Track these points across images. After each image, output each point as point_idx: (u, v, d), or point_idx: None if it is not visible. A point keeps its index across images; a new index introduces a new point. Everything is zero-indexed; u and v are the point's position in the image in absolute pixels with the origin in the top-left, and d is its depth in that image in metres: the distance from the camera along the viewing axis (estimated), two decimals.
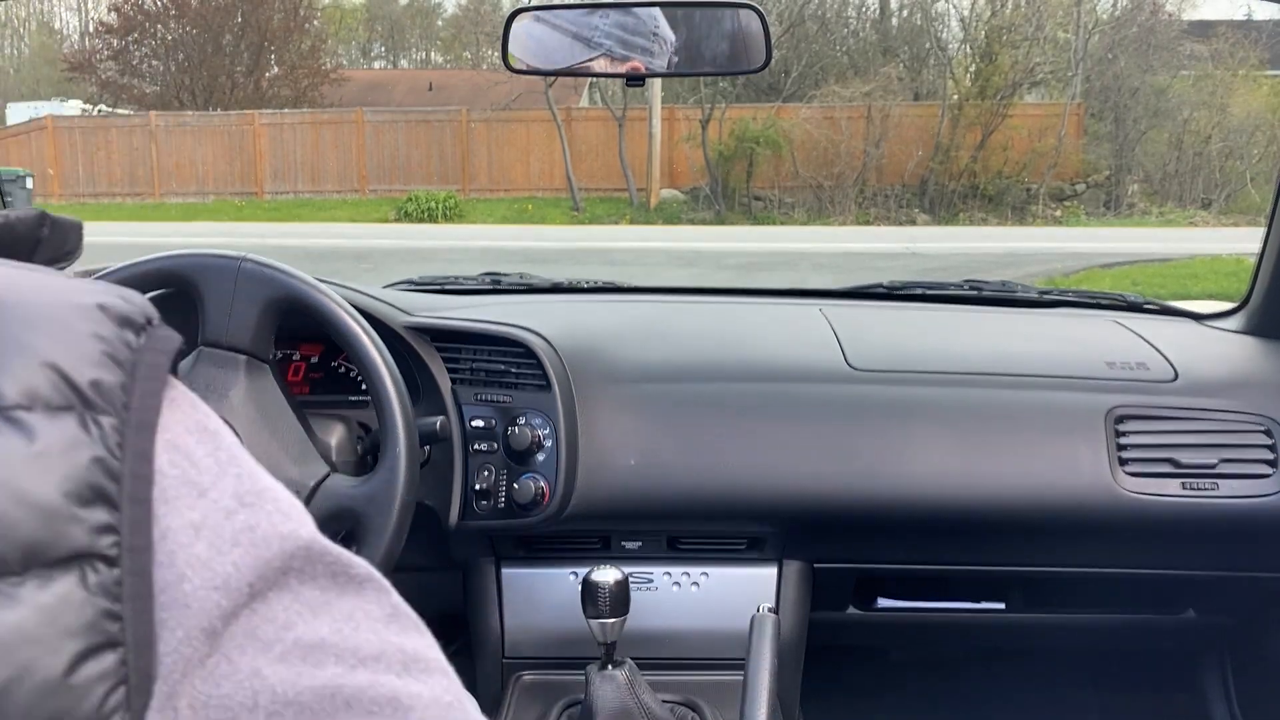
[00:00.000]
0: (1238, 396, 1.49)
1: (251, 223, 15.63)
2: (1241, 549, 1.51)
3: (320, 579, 0.42)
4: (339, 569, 0.43)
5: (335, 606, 0.42)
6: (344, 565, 0.43)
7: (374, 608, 0.43)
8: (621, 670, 1.25)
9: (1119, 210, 15.77)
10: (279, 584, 0.41)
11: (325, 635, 0.41)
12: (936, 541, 1.52)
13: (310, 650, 0.40)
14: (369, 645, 0.42)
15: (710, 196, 15.92)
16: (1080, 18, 16.68)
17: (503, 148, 17.94)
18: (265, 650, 0.39)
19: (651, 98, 16.07)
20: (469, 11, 28.49)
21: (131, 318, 0.42)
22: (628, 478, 1.42)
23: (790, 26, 17.32)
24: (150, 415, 0.40)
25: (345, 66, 27.11)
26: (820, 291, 1.89)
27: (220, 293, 1.15)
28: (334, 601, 0.42)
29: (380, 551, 1.11)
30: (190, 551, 0.39)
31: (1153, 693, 1.95)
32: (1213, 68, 15.98)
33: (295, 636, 0.40)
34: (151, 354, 0.42)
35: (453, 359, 1.43)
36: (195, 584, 0.39)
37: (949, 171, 15.85)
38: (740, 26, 1.35)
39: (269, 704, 0.38)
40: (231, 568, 0.40)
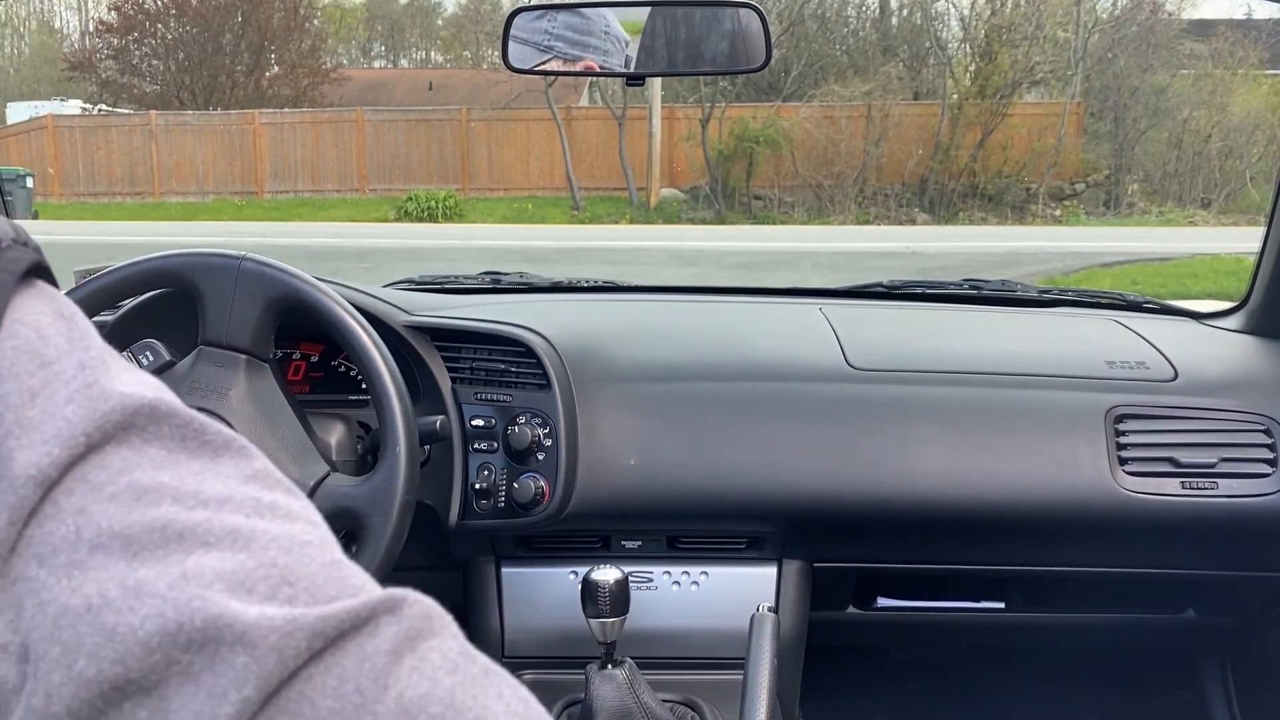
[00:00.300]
0: (1237, 396, 1.49)
1: (251, 222, 15.63)
2: (1241, 549, 1.51)
3: (167, 439, 0.40)
4: (190, 432, 0.41)
5: (183, 465, 0.40)
6: (197, 429, 0.41)
7: (230, 468, 0.41)
8: (621, 670, 1.25)
9: (1119, 210, 15.76)
10: (119, 438, 0.39)
11: (165, 481, 0.39)
12: (936, 541, 1.52)
13: (145, 492, 0.38)
14: (215, 491, 0.39)
15: (710, 196, 15.92)
16: (1080, 17, 16.68)
17: (503, 147, 17.94)
18: (95, 491, 0.38)
19: (651, 97, 16.07)
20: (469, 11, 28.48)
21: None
22: (628, 477, 1.42)
23: (790, 26, 17.31)
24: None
25: (345, 66, 27.11)
26: (820, 291, 1.89)
27: (220, 292, 1.15)
28: (182, 461, 0.40)
29: (380, 551, 1.11)
30: (21, 413, 0.38)
31: (1153, 692, 1.95)
32: (1212, 67, 15.97)
33: (130, 480, 0.38)
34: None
35: (453, 358, 1.44)
36: (21, 441, 0.37)
37: (949, 171, 15.84)
38: (740, 26, 1.35)
39: (93, 537, 0.37)
40: (63, 421, 0.38)
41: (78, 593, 0.36)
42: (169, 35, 21.12)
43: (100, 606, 0.35)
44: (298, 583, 0.37)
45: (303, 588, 0.37)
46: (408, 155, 18.22)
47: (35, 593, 0.36)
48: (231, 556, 0.37)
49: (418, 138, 18.21)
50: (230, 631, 0.35)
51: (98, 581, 0.36)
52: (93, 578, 0.36)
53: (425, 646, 0.38)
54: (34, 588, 0.36)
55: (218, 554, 0.37)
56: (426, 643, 0.38)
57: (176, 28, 21.02)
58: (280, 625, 0.35)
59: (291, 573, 0.38)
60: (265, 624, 0.35)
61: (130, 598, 0.36)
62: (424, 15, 35.94)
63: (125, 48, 21.21)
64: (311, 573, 0.38)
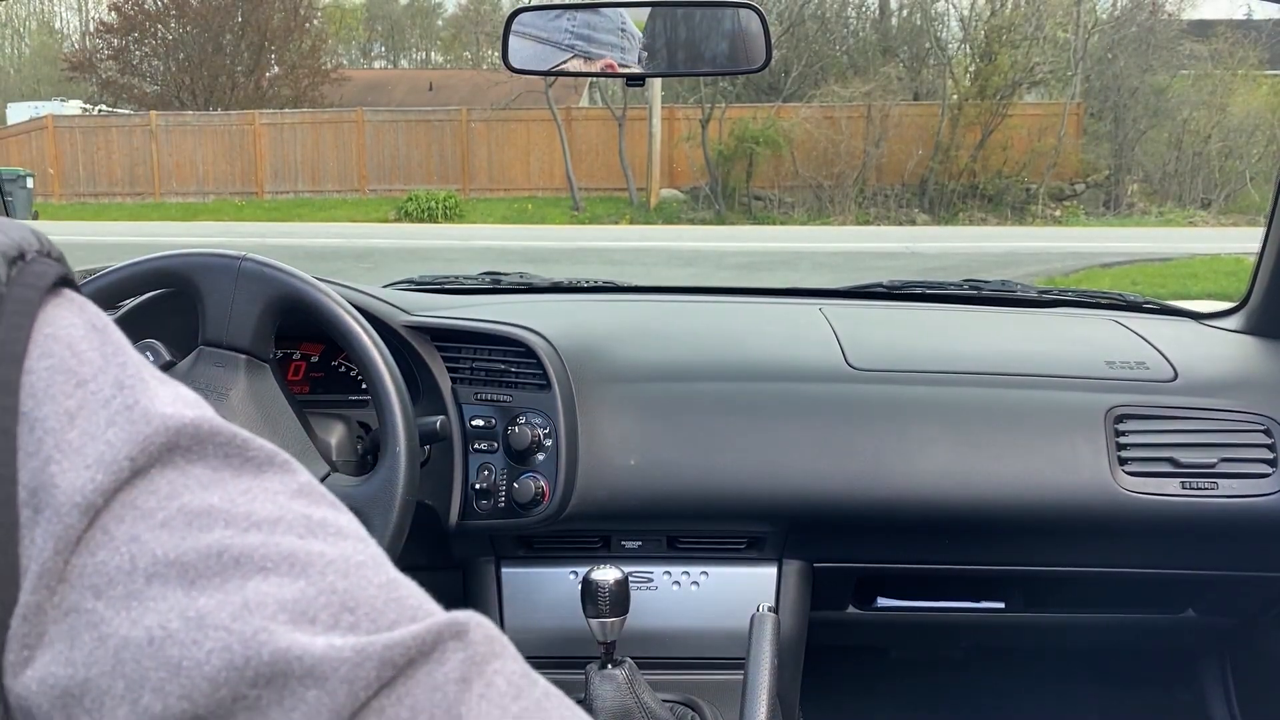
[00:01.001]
0: (1237, 396, 1.49)
1: (251, 222, 15.63)
2: (1241, 549, 1.51)
3: (211, 458, 0.40)
4: (233, 450, 0.40)
5: (231, 484, 0.39)
6: (240, 446, 0.41)
7: (276, 484, 0.41)
8: (621, 670, 1.25)
9: (1118, 210, 15.76)
10: (164, 460, 0.39)
11: (215, 503, 0.38)
12: (936, 541, 1.52)
13: (196, 516, 0.38)
14: (265, 511, 0.39)
15: (710, 196, 15.92)
16: (1080, 17, 16.67)
17: (503, 147, 17.94)
18: (146, 518, 0.37)
19: (651, 97, 16.07)
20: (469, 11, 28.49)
21: (5, 253, 0.40)
22: (628, 477, 1.42)
23: (790, 26, 17.31)
24: (17, 347, 0.39)
25: (345, 66, 27.11)
26: (820, 291, 1.89)
27: (220, 292, 1.15)
28: (229, 480, 0.39)
29: None
30: (61, 437, 0.38)
31: (1153, 692, 1.95)
32: (1212, 67, 15.97)
33: (180, 504, 0.38)
34: (21, 288, 0.40)
35: (453, 358, 1.44)
36: (63, 465, 0.37)
37: (949, 171, 15.84)
38: (740, 26, 1.35)
39: (148, 565, 0.36)
40: (105, 445, 0.38)
41: (138, 625, 0.35)
42: (169, 35, 21.12)
43: (163, 639, 0.35)
44: (358, 609, 0.37)
45: (364, 614, 0.37)
46: (408, 155, 18.22)
47: (94, 625, 0.36)
48: (290, 584, 0.37)
49: (418, 138, 18.21)
50: (299, 665, 0.35)
51: (158, 613, 0.36)
52: (152, 609, 0.36)
53: (490, 671, 0.37)
54: (92, 620, 0.36)
55: (276, 581, 0.37)
56: (491, 666, 0.38)
57: (176, 28, 21.02)
58: (349, 656, 0.35)
59: (351, 598, 0.37)
60: (334, 655, 0.35)
61: (193, 630, 0.35)
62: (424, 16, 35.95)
63: (125, 48, 21.21)
64: (370, 596, 0.38)
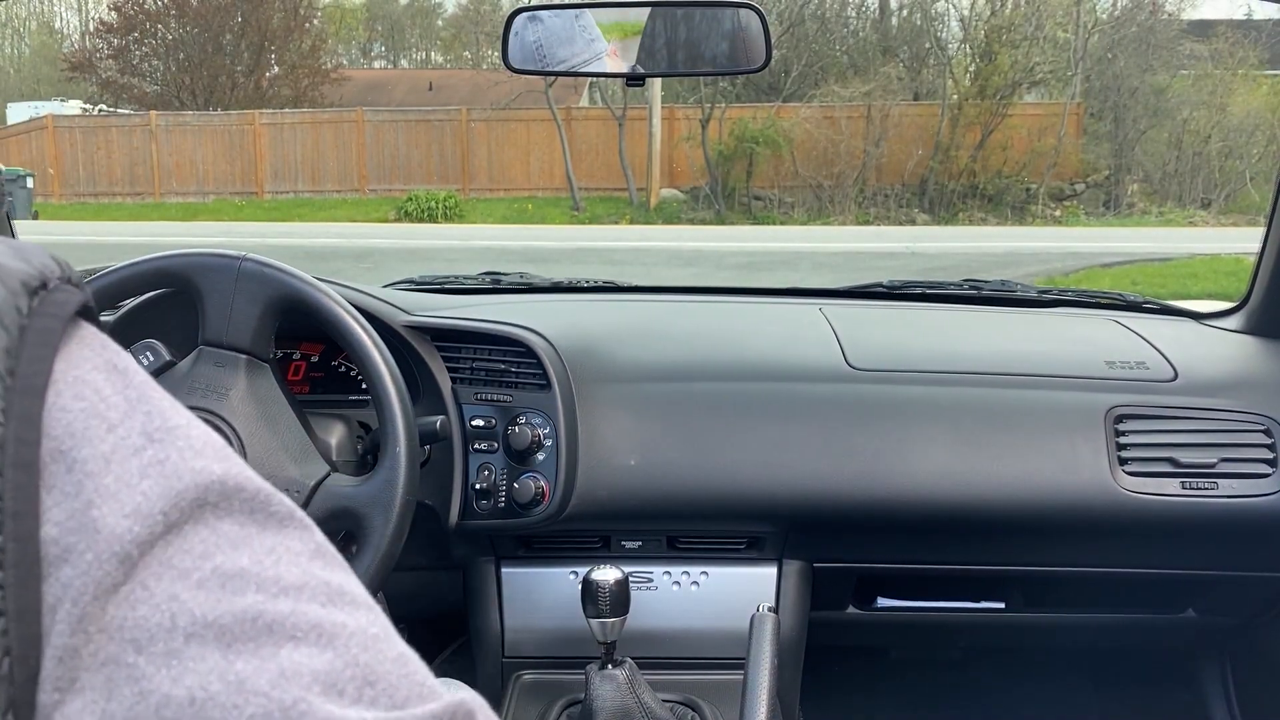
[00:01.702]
0: (1237, 396, 1.49)
1: (251, 222, 15.63)
2: (1241, 549, 1.51)
3: (238, 514, 0.41)
4: (258, 505, 0.42)
5: (256, 541, 0.41)
6: (263, 501, 0.42)
7: (297, 544, 0.42)
8: (621, 670, 1.25)
9: (1119, 210, 15.76)
10: (195, 517, 0.40)
11: (246, 565, 0.40)
12: (936, 541, 1.52)
13: (230, 578, 0.39)
14: (292, 576, 0.40)
15: (710, 196, 15.92)
16: (1080, 17, 16.67)
17: (503, 147, 17.94)
18: (183, 577, 0.38)
19: (651, 97, 16.07)
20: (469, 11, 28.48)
21: (27, 280, 0.40)
22: (628, 477, 1.42)
23: (790, 26, 17.31)
24: (38, 380, 0.39)
25: (345, 66, 27.10)
26: (820, 291, 1.89)
27: (220, 292, 1.15)
28: (254, 536, 0.41)
29: (380, 551, 1.11)
30: (99, 481, 0.38)
31: (1153, 692, 1.95)
32: (1212, 67, 15.97)
33: (214, 565, 0.39)
34: (43, 318, 0.40)
35: (453, 358, 1.44)
36: (104, 510, 0.38)
37: (949, 171, 15.84)
38: (740, 26, 1.35)
39: (188, 625, 0.37)
40: (141, 497, 0.39)
41: (179, 684, 0.36)
42: (169, 35, 21.11)
43: (204, 700, 0.36)
44: (378, 683, 0.39)
45: (382, 689, 0.39)
46: (408, 155, 18.22)
47: (134, 680, 0.36)
48: (319, 654, 0.39)
49: (418, 138, 18.21)
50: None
51: (197, 673, 0.36)
52: (191, 669, 0.36)
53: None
54: (132, 675, 0.36)
55: (307, 650, 0.38)
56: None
57: (176, 28, 21.01)
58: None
59: (372, 672, 0.39)
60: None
61: (234, 694, 0.36)
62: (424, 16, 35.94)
63: (125, 48, 21.20)
64: (387, 671, 0.40)
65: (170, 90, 20.87)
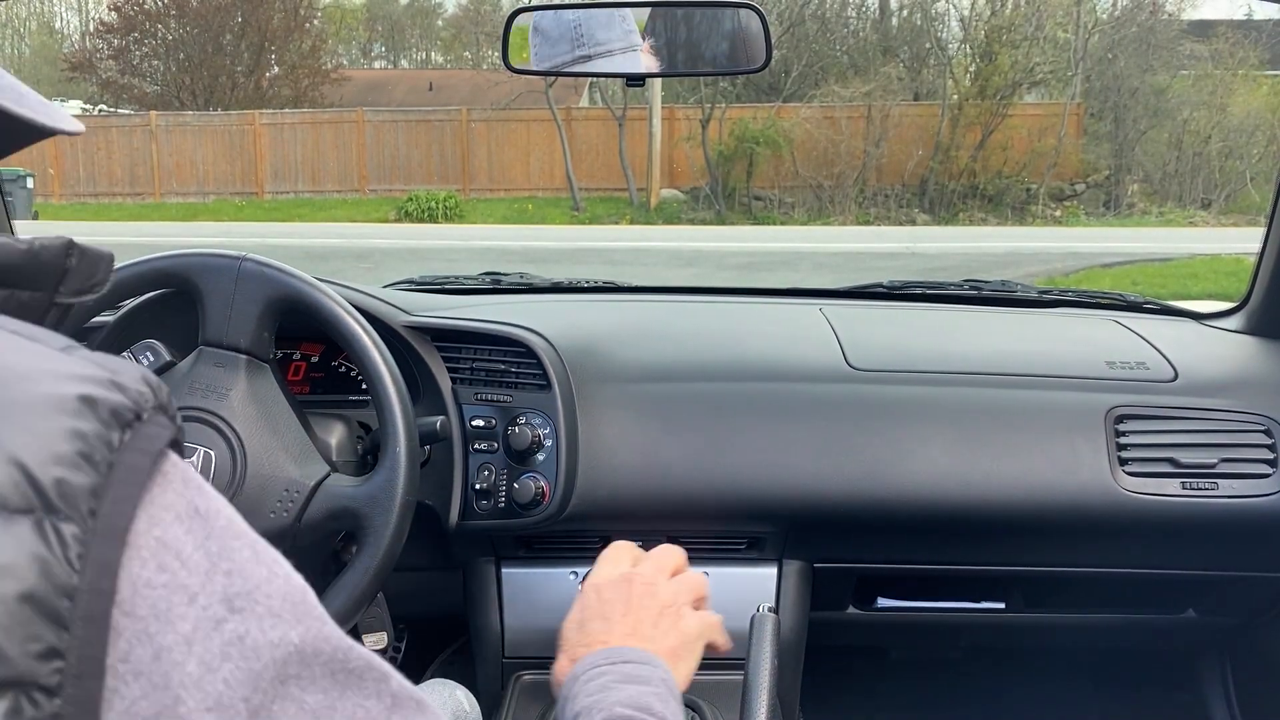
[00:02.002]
0: (1237, 396, 1.49)
1: (251, 222, 15.63)
2: (1241, 549, 1.51)
3: (320, 680, 0.41)
4: (336, 665, 0.42)
5: (339, 708, 0.41)
6: (341, 660, 0.42)
7: (374, 703, 0.42)
8: None
9: (1119, 210, 15.76)
10: (280, 694, 0.39)
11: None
12: (936, 541, 1.52)
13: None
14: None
15: (710, 196, 15.92)
16: (1080, 17, 16.68)
17: (503, 148, 17.94)
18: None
19: (651, 97, 16.07)
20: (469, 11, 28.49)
21: (120, 411, 0.39)
22: (628, 477, 1.42)
23: (790, 26, 17.31)
24: (121, 521, 0.37)
25: (345, 66, 27.10)
26: (820, 291, 1.89)
27: (220, 292, 1.15)
28: (337, 703, 0.41)
29: (380, 551, 1.11)
30: (183, 671, 0.37)
31: (1153, 692, 1.95)
32: (1212, 68, 15.97)
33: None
34: (133, 454, 0.39)
35: (453, 358, 1.43)
36: (190, 706, 0.37)
37: (949, 171, 15.84)
38: (740, 26, 1.35)
39: None
40: (223, 685, 0.38)
41: None
42: (169, 35, 21.12)
43: None
44: None
45: None
46: (408, 156, 18.22)
47: None
48: None
49: (418, 138, 18.21)
50: None
51: None
52: None
53: None
54: None
55: None
56: None
57: (176, 28, 21.02)
58: None
59: None
60: None
61: None
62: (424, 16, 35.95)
63: (125, 48, 21.20)
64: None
65: (170, 90, 20.87)
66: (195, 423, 1.11)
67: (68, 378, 0.39)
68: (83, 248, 0.48)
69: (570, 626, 0.93)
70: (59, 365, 0.39)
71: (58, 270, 0.46)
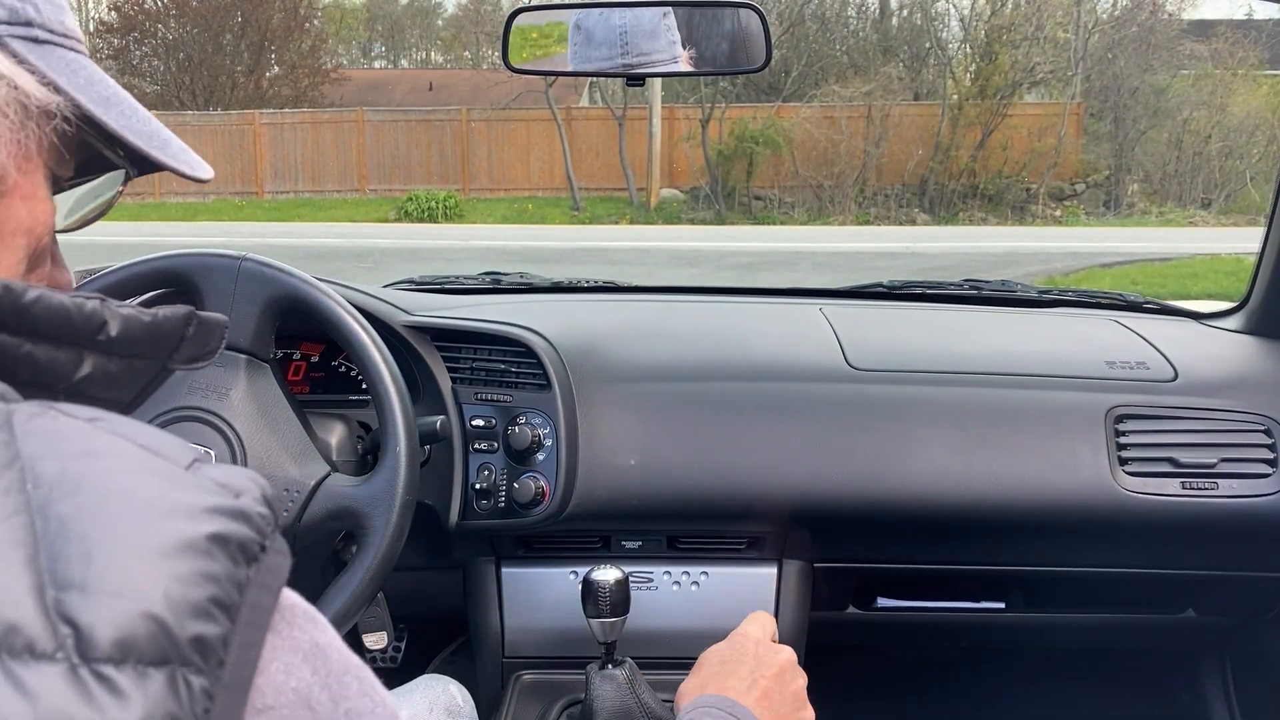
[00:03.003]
0: (1237, 396, 1.49)
1: (251, 222, 15.63)
2: (1241, 549, 1.51)
3: None
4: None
5: None
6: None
7: None
8: (621, 670, 1.25)
9: (1119, 210, 15.76)
10: None
11: None
12: (936, 541, 1.52)
13: None
14: None
15: (710, 196, 15.92)
16: (1080, 17, 16.68)
17: (503, 147, 17.94)
18: None
19: (651, 97, 16.07)
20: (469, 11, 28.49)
21: (247, 546, 0.38)
22: (628, 477, 1.42)
23: (790, 26, 17.31)
24: (246, 672, 0.37)
25: (345, 66, 27.12)
26: (820, 291, 1.89)
27: (220, 292, 1.15)
28: None
29: (380, 551, 1.11)
30: None
31: (1152, 692, 1.95)
32: (1212, 67, 15.97)
33: None
34: (259, 591, 0.38)
35: (453, 358, 1.44)
36: None
37: (949, 171, 15.84)
38: (740, 26, 1.35)
39: None
40: None
41: None
42: (169, 35, 21.12)
43: None
44: None
45: None
46: (408, 155, 18.22)
47: None
48: None
49: (418, 138, 18.21)
50: None
51: None
52: None
53: None
54: None
55: None
56: None
57: (176, 28, 21.02)
58: None
59: None
60: None
61: None
62: (424, 15, 35.96)
63: (125, 48, 21.20)
64: None
65: (170, 90, 20.86)
66: (195, 422, 1.11)
67: (197, 512, 0.38)
68: (201, 317, 0.49)
69: (713, 658, 1.02)
70: (187, 495, 0.38)
71: (175, 339, 0.48)
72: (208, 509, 0.38)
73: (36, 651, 0.32)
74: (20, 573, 0.33)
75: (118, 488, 0.37)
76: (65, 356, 0.44)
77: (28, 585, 0.33)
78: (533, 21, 1.42)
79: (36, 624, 0.32)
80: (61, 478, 0.36)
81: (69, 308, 0.45)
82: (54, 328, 0.44)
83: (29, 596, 0.33)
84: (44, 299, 0.44)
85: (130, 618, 0.34)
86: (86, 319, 0.45)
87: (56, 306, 0.44)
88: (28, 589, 0.33)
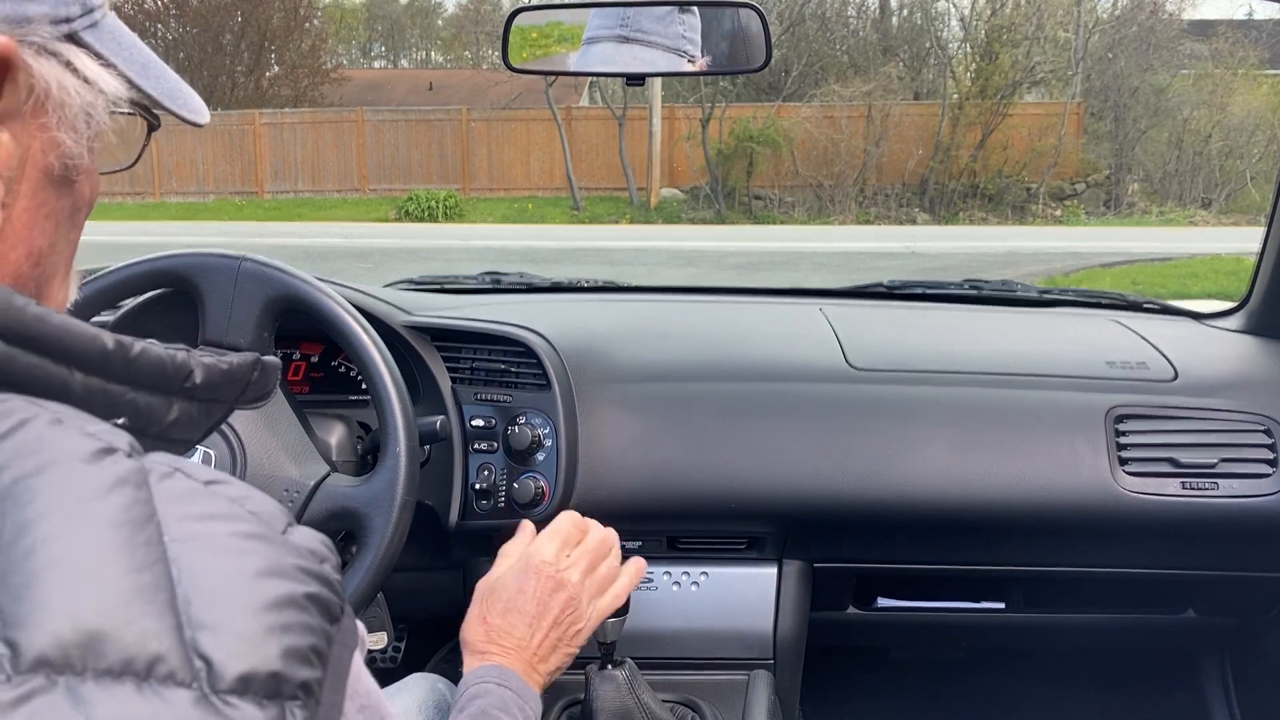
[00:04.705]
0: (1238, 396, 1.49)
1: (251, 222, 15.63)
2: (1241, 549, 1.51)
3: None
4: None
5: None
6: None
7: None
8: (621, 670, 1.25)
9: (1119, 210, 15.76)
10: None
11: None
12: (936, 541, 1.52)
13: None
14: None
15: (710, 196, 15.92)
16: (1080, 17, 16.68)
17: (503, 147, 17.94)
18: None
19: (651, 97, 16.07)
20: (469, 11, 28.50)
21: (331, 607, 0.44)
22: (628, 477, 1.42)
23: (790, 26, 17.31)
24: (333, 713, 0.43)
25: (345, 66, 27.13)
26: (820, 291, 1.89)
27: (220, 292, 1.15)
28: None
29: (380, 551, 1.11)
30: None
31: (1153, 692, 1.95)
32: (1213, 67, 15.98)
33: None
34: (341, 648, 0.44)
35: (453, 358, 1.43)
36: None
37: (949, 171, 15.84)
38: (740, 26, 1.35)
39: None
40: None
41: None
42: (169, 35, 21.12)
43: None
44: None
45: None
46: (408, 155, 18.22)
47: None
48: None
49: (418, 138, 18.21)
50: None
51: None
52: None
53: None
54: None
55: None
56: None
57: (176, 28, 21.03)
58: None
59: None
60: None
61: None
62: (424, 15, 35.97)
63: None
64: None
65: None
66: None
67: (296, 573, 0.44)
68: (264, 362, 0.55)
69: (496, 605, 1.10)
70: (288, 558, 0.44)
71: (244, 383, 0.54)
72: (302, 570, 0.44)
73: (176, 680, 0.38)
74: (164, 613, 0.39)
75: (235, 548, 0.43)
76: (159, 403, 0.50)
77: (170, 625, 0.39)
78: (533, 21, 1.43)
79: (176, 657, 0.38)
80: (190, 535, 0.42)
81: (164, 359, 0.51)
82: (151, 377, 0.50)
83: (171, 635, 0.39)
84: (146, 352, 0.50)
85: (251, 659, 0.40)
86: (177, 369, 0.51)
87: (154, 359, 0.50)
88: (170, 628, 0.39)
